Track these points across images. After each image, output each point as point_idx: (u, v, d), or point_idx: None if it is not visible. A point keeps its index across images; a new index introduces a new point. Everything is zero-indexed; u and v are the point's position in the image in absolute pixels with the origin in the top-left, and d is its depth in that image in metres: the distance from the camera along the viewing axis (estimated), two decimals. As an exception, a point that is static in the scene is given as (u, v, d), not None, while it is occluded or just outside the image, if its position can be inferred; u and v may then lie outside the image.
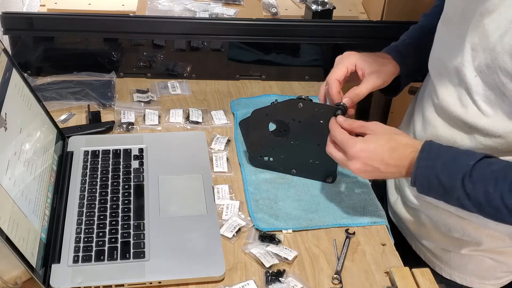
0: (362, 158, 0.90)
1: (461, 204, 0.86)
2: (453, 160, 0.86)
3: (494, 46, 0.83)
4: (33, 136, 0.98)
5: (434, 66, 1.00)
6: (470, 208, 0.85)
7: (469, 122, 0.91)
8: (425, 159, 0.87)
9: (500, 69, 0.82)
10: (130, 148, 1.12)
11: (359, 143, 0.91)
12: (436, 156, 0.87)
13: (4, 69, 0.92)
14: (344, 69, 1.01)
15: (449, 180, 0.85)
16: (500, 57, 0.82)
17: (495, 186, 0.82)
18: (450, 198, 0.86)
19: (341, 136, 0.93)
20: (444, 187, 0.86)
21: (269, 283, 0.89)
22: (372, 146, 0.91)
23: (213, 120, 1.24)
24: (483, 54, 0.85)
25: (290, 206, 1.04)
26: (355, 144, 0.91)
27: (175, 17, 1.50)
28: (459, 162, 0.86)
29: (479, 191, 0.83)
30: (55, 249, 0.91)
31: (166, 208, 1.00)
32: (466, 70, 0.89)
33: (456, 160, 0.86)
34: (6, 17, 1.29)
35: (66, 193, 1.02)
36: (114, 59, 1.37)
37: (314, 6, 1.50)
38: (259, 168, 1.11)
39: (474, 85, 0.88)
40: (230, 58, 1.41)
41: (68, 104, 1.25)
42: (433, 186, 0.87)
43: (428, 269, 0.92)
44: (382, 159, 0.90)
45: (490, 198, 0.82)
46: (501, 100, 0.85)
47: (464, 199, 0.84)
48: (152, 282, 0.88)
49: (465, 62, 0.89)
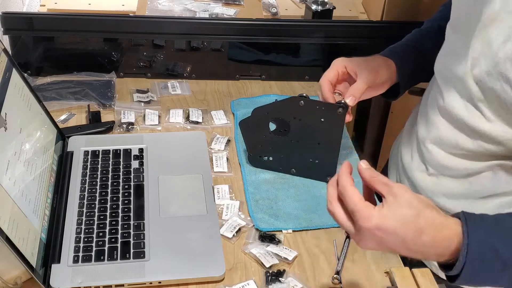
0: (376, 238, 0.70)
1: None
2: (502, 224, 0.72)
3: (496, 53, 0.82)
4: (33, 136, 0.98)
5: (439, 70, 1.00)
6: None
7: (472, 126, 0.90)
8: (473, 231, 0.70)
9: (502, 76, 0.82)
10: (130, 148, 1.12)
11: (376, 218, 0.69)
12: (483, 225, 0.71)
13: (4, 69, 0.92)
14: (334, 71, 1.02)
15: (508, 248, 0.70)
16: (502, 64, 0.81)
17: None
18: (506, 274, 0.71)
19: (354, 204, 0.71)
20: (504, 261, 0.70)
21: (269, 283, 0.89)
22: (391, 224, 0.69)
23: (213, 120, 1.24)
24: (484, 61, 0.85)
25: (290, 206, 1.04)
26: (370, 218, 0.69)
27: (175, 17, 1.50)
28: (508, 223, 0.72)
29: None
30: (55, 249, 0.91)
31: (166, 208, 1.00)
32: (468, 77, 0.89)
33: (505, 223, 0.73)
34: (6, 17, 1.29)
35: (66, 193, 1.02)
36: (114, 59, 1.37)
37: (314, 6, 1.50)
38: (259, 168, 1.11)
39: (476, 91, 0.88)
40: (230, 58, 1.41)
41: (68, 104, 1.25)
42: (487, 263, 0.70)
43: (428, 269, 0.92)
44: (404, 242, 0.70)
45: None
46: (501, 108, 0.85)
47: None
48: (152, 282, 0.88)
49: (467, 68, 0.89)
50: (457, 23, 0.94)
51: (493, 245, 0.70)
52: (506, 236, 0.71)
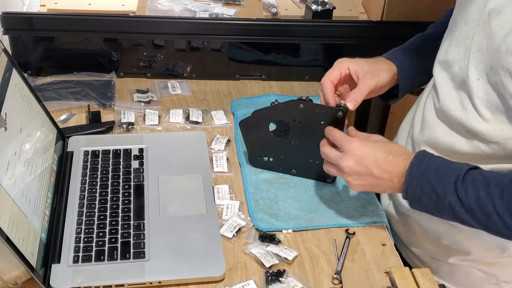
0: (356, 156, 0.90)
1: (454, 212, 0.85)
2: (446, 165, 0.87)
3: (499, 47, 0.82)
4: (33, 136, 0.98)
5: (438, 70, 0.99)
6: (463, 215, 0.85)
7: (468, 127, 0.91)
8: (418, 163, 0.88)
9: (503, 70, 0.82)
10: (130, 148, 1.12)
11: (356, 141, 0.92)
12: (429, 162, 0.88)
13: (4, 69, 0.92)
14: (337, 72, 1.02)
15: (441, 184, 0.85)
16: (503, 58, 0.82)
17: (487, 191, 0.82)
18: (443, 205, 0.86)
19: (339, 135, 0.94)
20: (437, 193, 0.86)
21: (269, 283, 0.89)
22: (368, 146, 0.91)
23: (213, 120, 1.24)
24: (487, 55, 0.85)
25: (290, 206, 1.04)
26: (352, 141, 0.92)
27: (175, 17, 1.50)
28: (453, 167, 0.86)
29: (471, 196, 0.83)
30: (55, 249, 0.91)
31: (166, 208, 1.00)
32: (469, 73, 0.88)
33: (449, 165, 0.87)
34: (6, 17, 1.29)
35: (66, 193, 1.02)
36: (114, 59, 1.37)
37: (314, 6, 1.50)
38: (259, 168, 1.11)
39: (475, 88, 0.88)
40: (230, 58, 1.41)
41: (68, 104, 1.25)
42: (426, 192, 0.87)
43: (428, 270, 0.92)
44: (376, 160, 0.90)
45: (482, 203, 0.82)
46: (501, 104, 0.85)
47: (457, 205, 0.84)
48: (152, 282, 0.88)
49: (469, 64, 0.89)
50: (459, 19, 0.94)
51: (429, 179, 0.86)
52: (442, 174, 0.86)
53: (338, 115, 0.98)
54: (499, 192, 0.81)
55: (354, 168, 0.91)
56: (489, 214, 0.82)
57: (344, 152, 0.92)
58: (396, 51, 1.10)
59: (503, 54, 0.82)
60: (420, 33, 1.14)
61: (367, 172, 0.91)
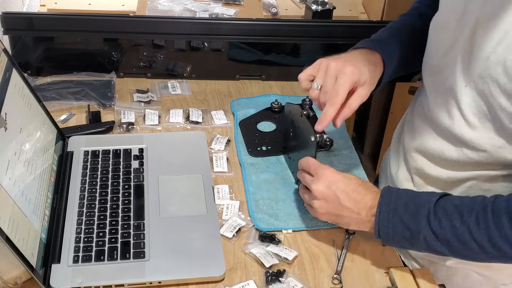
0: (327, 180, 0.91)
1: (429, 245, 0.85)
2: (414, 200, 0.86)
3: (488, 56, 0.81)
4: (33, 136, 0.98)
5: (427, 75, 0.98)
6: (439, 248, 0.85)
7: (457, 134, 0.90)
8: (386, 203, 0.87)
9: (492, 80, 0.81)
10: (130, 148, 1.12)
11: (331, 169, 0.93)
12: (396, 199, 0.87)
13: (4, 69, 0.92)
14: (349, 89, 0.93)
15: (414, 220, 0.85)
16: (493, 68, 0.81)
17: (461, 220, 0.82)
18: (417, 241, 0.86)
19: (313, 162, 0.95)
20: (410, 229, 0.85)
21: (269, 283, 0.89)
22: (342, 174, 0.92)
23: (213, 120, 1.24)
24: (476, 64, 0.84)
25: (290, 206, 1.04)
26: (327, 168, 0.93)
27: (175, 17, 1.50)
28: (421, 201, 0.86)
29: (446, 227, 0.83)
30: (55, 249, 0.91)
31: (166, 208, 1.00)
32: (457, 79, 0.87)
33: (417, 199, 0.86)
34: (6, 17, 1.29)
35: (66, 193, 1.02)
36: (114, 59, 1.37)
37: (314, 6, 1.50)
38: (259, 167, 1.11)
39: (463, 95, 0.87)
40: (230, 58, 1.41)
41: (68, 104, 1.25)
42: (398, 231, 0.86)
43: (428, 270, 0.93)
44: (346, 188, 0.90)
45: (458, 233, 0.82)
46: (488, 112, 0.84)
47: (432, 239, 0.84)
48: (152, 282, 0.88)
49: (457, 70, 0.87)
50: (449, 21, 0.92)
51: (400, 217, 0.86)
52: (412, 210, 0.85)
53: (310, 139, 0.97)
54: (474, 220, 0.81)
55: (323, 192, 0.91)
56: (466, 242, 0.82)
57: (316, 176, 0.92)
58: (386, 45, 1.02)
59: (492, 64, 0.81)
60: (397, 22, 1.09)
61: (334, 199, 0.90)
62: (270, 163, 1.13)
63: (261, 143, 1.17)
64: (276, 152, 1.15)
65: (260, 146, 1.16)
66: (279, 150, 1.15)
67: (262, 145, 1.17)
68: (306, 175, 0.95)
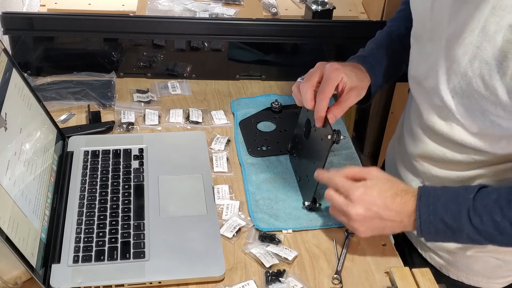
0: (364, 202, 0.88)
1: (473, 240, 0.86)
2: (453, 199, 0.86)
3: (465, 71, 0.82)
4: (33, 136, 0.98)
5: (413, 85, 0.98)
6: (482, 241, 0.86)
7: (457, 141, 0.91)
8: (425, 205, 0.87)
9: (476, 93, 0.82)
10: (130, 148, 1.12)
11: (362, 187, 0.89)
12: (434, 199, 0.87)
13: (4, 69, 0.92)
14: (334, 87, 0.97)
15: (455, 220, 0.85)
16: (473, 81, 0.81)
17: (502, 214, 0.82)
18: (460, 237, 0.86)
19: (342, 182, 0.91)
20: (452, 229, 0.86)
21: (269, 283, 0.89)
22: (375, 189, 0.89)
23: (213, 120, 1.24)
24: (456, 77, 0.84)
25: (290, 206, 1.04)
26: (358, 188, 0.89)
27: (175, 17, 1.50)
28: (460, 199, 0.85)
29: (487, 223, 0.83)
30: (55, 249, 0.91)
31: (166, 208, 1.00)
32: (442, 92, 0.88)
33: (456, 197, 0.86)
34: (6, 17, 1.29)
35: (66, 193, 1.02)
36: (114, 59, 1.37)
37: (314, 6, 1.50)
38: (259, 167, 1.11)
39: (453, 104, 0.87)
40: (230, 58, 1.41)
41: (68, 104, 1.25)
42: (440, 231, 0.86)
43: (428, 269, 0.93)
44: (385, 204, 0.88)
45: (500, 227, 0.83)
46: (484, 118, 0.84)
47: (475, 235, 0.85)
48: (152, 282, 0.88)
49: (439, 84, 0.88)
50: (421, 34, 0.93)
51: (441, 217, 0.85)
52: (452, 210, 0.85)
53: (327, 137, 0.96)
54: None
55: (363, 215, 0.89)
56: (510, 234, 0.83)
57: (351, 200, 0.89)
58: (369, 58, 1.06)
59: (472, 78, 0.81)
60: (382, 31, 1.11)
61: (375, 216, 0.88)
62: (270, 163, 1.13)
63: (261, 143, 1.17)
64: (276, 152, 1.15)
65: (260, 146, 1.16)
66: (279, 150, 1.15)
67: (262, 145, 1.17)
68: (337, 197, 0.91)
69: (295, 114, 1.10)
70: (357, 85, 0.99)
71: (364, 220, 0.89)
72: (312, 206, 1.02)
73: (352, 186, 0.90)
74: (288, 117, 1.23)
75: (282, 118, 1.23)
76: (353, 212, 0.88)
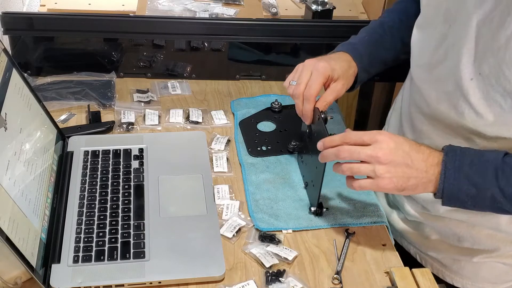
0: (393, 142, 0.84)
1: (495, 203, 0.83)
2: (480, 157, 0.83)
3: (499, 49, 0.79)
4: (33, 136, 0.98)
5: (419, 75, 0.97)
6: (505, 205, 0.83)
7: (468, 128, 0.89)
8: (451, 161, 0.83)
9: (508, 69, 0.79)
10: (130, 148, 1.12)
11: (385, 132, 0.86)
12: (461, 156, 0.84)
13: (4, 69, 0.92)
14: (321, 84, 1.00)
15: (480, 177, 0.82)
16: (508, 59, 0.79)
17: None
18: (482, 199, 0.83)
19: (362, 132, 0.87)
20: (476, 186, 0.82)
21: (269, 283, 0.89)
22: (400, 138, 0.86)
23: (213, 120, 1.24)
24: (485, 57, 0.82)
25: (290, 206, 1.04)
26: (381, 132, 0.86)
27: (175, 17, 1.50)
28: (487, 157, 0.83)
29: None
30: (55, 249, 0.91)
31: (166, 208, 1.00)
32: (462, 73, 0.85)
33: (482, 156, 0.83)
34: (6, 17, 1.29)
35: (66, 193, 1.02)
36: (114, 59, 1.37)
37: (314, 6, 1.50)
38: (259, 167, 1.11)
39: (470, 88, 0.84)
40: (230, 58, 1.41)
41: (68, 104, 1.25)
42: (464, 188, 0.83)
43: (428, 269, 0.92)
44: (411, 148, 0.85)
45: None
46: (504, 101, 0.82)
47: (499, 196, 0.82)
48: (152, 282, 0.88)
49: (460, 64, 0.85)
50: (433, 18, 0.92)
51: (466, 173, 0.82)
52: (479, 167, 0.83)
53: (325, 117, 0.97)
54: None
55: (390, 156, 0.83)
56: None
57: (377, 141, 0.84)
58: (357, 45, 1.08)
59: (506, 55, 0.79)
60: (376, 21, 1.13)
61: (403, 160, 0.84)
62: (270, 163, 1.13)
63: (261, 143, 1.17)
64: (276, 152, 1.15)
65: (260, 146, 1.16)
66: (279, 150, 1.15)
67: (262, 145, 1.17)
68: (357, 147, 0.85)
69: (295, 114, 1.10)
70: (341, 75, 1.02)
71: (391, 164, 0.83)
72: (318, 211, 1.01)
73: (374, 131, 0.86)
74: (288, 117, 1.23)
75: (282, 118, 1.23)
76: (380, 153, 0.83)
